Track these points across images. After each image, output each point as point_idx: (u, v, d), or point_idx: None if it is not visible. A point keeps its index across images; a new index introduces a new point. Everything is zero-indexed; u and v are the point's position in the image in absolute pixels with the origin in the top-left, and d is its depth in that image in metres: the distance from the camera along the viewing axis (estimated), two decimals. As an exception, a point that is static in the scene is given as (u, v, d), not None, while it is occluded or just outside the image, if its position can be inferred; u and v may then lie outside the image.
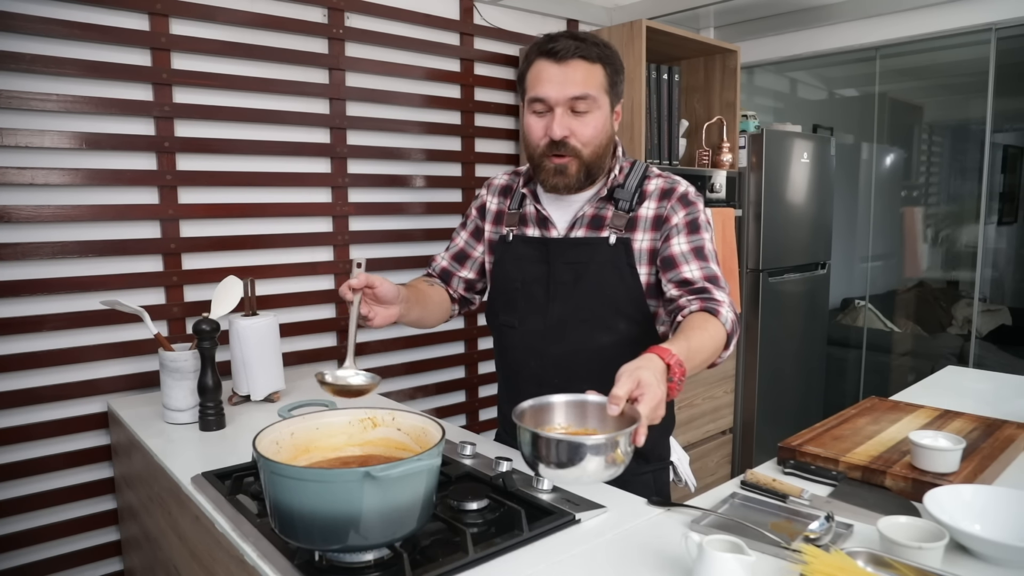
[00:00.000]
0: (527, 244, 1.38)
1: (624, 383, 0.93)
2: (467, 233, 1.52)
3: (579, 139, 1.25)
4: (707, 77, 3.02)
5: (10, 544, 1.79)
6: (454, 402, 2.70)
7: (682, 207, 1.31)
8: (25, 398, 1.79)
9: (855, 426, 1.47)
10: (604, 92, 1.25)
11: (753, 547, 0.95)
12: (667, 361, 1.00)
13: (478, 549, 0.99)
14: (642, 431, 0.89)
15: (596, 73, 1.24)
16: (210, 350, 1.60)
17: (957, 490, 1.08)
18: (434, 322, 1.45)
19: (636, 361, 0.98)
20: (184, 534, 1.33)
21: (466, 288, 1.52)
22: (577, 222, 1.34)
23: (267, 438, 1.00)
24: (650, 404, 0.92)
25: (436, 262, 1.54)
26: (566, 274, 1.32)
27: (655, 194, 1.33)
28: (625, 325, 1.31)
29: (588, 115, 1.24)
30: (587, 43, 1.24)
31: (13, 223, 1.75)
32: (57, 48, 1.77)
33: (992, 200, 3.56)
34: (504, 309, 1.40)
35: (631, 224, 1.31)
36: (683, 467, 1.49)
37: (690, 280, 1.25)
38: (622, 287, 1.30)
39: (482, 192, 1.52)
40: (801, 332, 3.37)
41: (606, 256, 1.30)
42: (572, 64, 1.22)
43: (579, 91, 1.22)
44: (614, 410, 0.92)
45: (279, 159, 2.17)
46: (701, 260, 1.27)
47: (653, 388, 0.93)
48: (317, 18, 2.22)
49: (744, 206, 3.02)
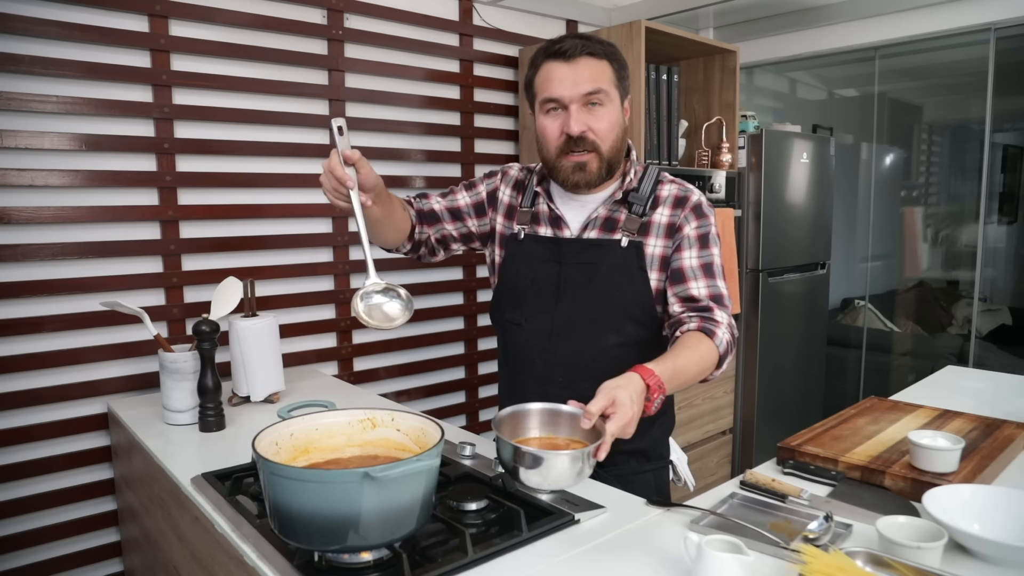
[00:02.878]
0: (539, 243, 1.38)
1: (600, 400, 1.00)
2: (470, 200, 1.47)
3: (596, 133, 1.26)
4: (706, 77, 3.02)
5: (11, 545, 1.79)
6: (454, 403, 2.70)
7: (695, 218, 1.32)
8: (25, 399, 1.79)
9: (854, 426, 1.47)
10: (614, 86, 1.27)
11: (752, 547, 0.95)
12: (647, 381, 1.07)
13: (477, 550, 0.99)
14: (604, 448, 0.95)
15: (604, 68, 1.26)
16: (210, 351, 1.60)
17: (956, 490, 1.08)
18: (388, 240, 1.38)
19: (617, 379, 1.05)
20: (184, 535, 1.33)
21: (439, 240, 1.46)
22: (590, 223, 1.34)
23: (266, 439, 1.00)
24: (619, 423, 0.99)
25: (427, 200, 1.46)
26: (577, 274, 1.32)
27: (669, 200, 1.33)
28: (632, 327, 1.32)
29: (601, 109, 1.26)
30: (592, 41, 1.26)
31: (13, 224, 1.75)
32: (57, 50, 1.78)
33: (992, 200, 3.56)
34: (511, 306, 1.40)
35: (644, 228, 1.32)
36: (682, 466, 1.50)
37: (695, 297, 1.28)
38: (631, 290, 1.30)
39: (496, 178, 1.49)
40: (801, 332, 3.37)
41: (617, 258, 1.31)
42: (581, 62, 1.24)
43: (591, 86, 1.24)
44: (586, 424, 0.99)
45: (279, 160, 2.17)
46: (709, 277, 1.29)
47: (625, 408, 1.00)
48: (316, 19, 2.22)
49: (744, 206, 3.02)
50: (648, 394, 1.06)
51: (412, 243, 1.44)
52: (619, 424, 0.99)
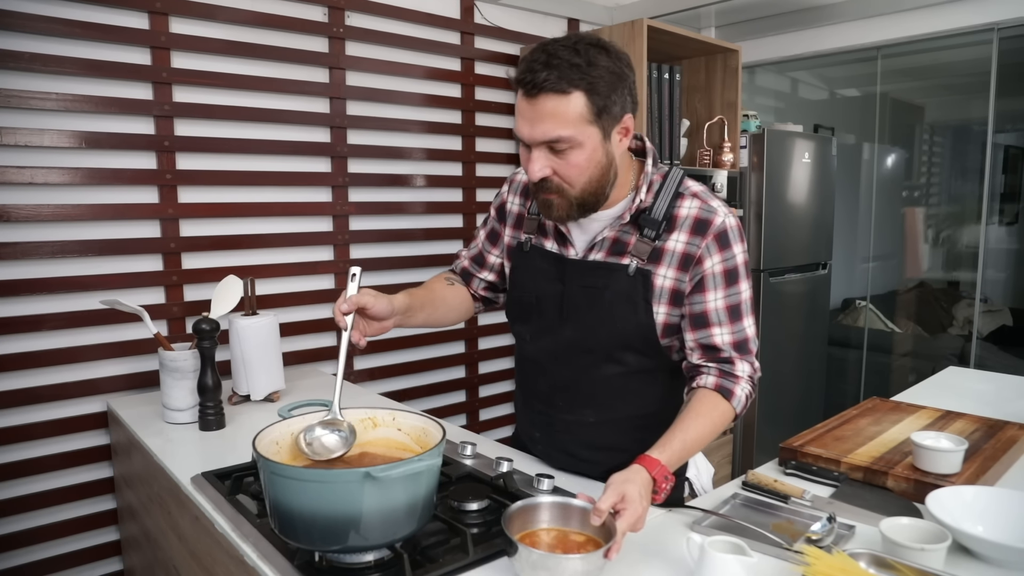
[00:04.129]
0: (544, 258, 1.29)
1: (609, 496, 0.96)
2: (485, 235, 1.44)
3: (562, 178, 1.12)
4: (708, 77, 3.01)
5: (10, 544, 1.79)
6: (454, 402, 2.69)
7: (718, 249, 1.16)
8: (24, 398, 1.78)
9: (857, 427, 1.47)
10: (586, 124, 1.07)
11: (755, 548, 0.95)
12: (653, 475, 1.02)
13: (479, 550, 0.99)
14: (615, 548, 0.91)
15: (573, 106, 1.05)
16: (210, 350, 1.60)
17: (959, 491, 1.08)
18: (450, 322, 1.41)
19: (624, 473, 1.01)
20: (184, 534, 1.33)
21: (487, 289, 1.45)
22: (596, 245, 1.22)
23: (267, 438, 0.99)
24: (629, 520, 0.94)
25: (459, 260, 1.48)
26: (580, 297, 1.23)
27: (687, 224, 1.18)
28: (634, 358, 1.23)
29: (569, 153, 1.09)
30: (563, 67, 1.04)
31: (12, 222, 1.74)
32: (57, 47, 1.77)
33: (993, 201, 3.55)
34: (519, 319, 1.36)
35: (655, 255, 1.18)
36: (700, 482, 1.40)
37: (718, 347, 1.18)
38: (634, 322, 1.20)
39: (503, 189, 1.42)
40: (802, 332, 3.36)
41: (622, 286, 1.19)
42: (542, 101, 1.06)
43: (549, 135, 1.07)
44: (596, 521, 0.95)
45: (279, 158, 2.17)
46: (735, 321, 1.18)
47: (635, 504, 0.95)
48: (317, 17, 2.21)
49: (745, 206, 3.02)
50: (655, 487, 1.03)
51: (480, 303, 1.47)
52: (629, 521, 0.94)
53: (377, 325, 1.15)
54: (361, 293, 1.09)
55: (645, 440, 1.09)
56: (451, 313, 1.39)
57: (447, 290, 1.40)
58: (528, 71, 1.06)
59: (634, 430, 1.24)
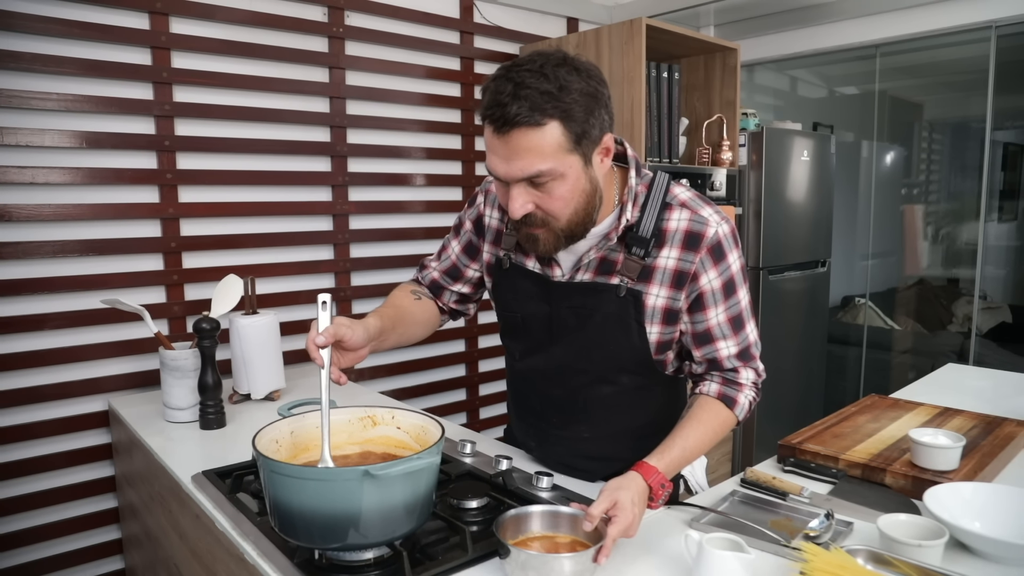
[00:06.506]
0: (526, 278, 1.23)
1: (602, 502, 0.96)
2: (460, 248, 1.35)
3: (546, 211, 1.05)
4: (707, 75, 3.01)
5: (11, 542, 1.79)
6: (454, 400, 2.70)
7: (713, 264, 1.12)
8: (26, 397, 1.79)
9: (855, 424, 1.47)
10: (565, 153, 0.99)
11: (753, 545, 0.95)
12: (649, 482, 1.02)
13: (478, 548, 0.99)
14: (604, 552, 0.91)
15: (549, 137, 0.97)
16: (210, 349, 1.60)
17: (957, 488, 1.08)
18: (417, 338, 1.33)
19: (619, 480, 1.01)
20: (185, 532, 1.33)
21: (458, 301, 1.40)
22: (583, 266, 1.16)
23: (267, 437, 1.00)
24: (620, 527, 0.94)
25: (427, 271, 1.39)
26: (569, 318, 1.19)
27: (677, 238, 1.12)
28: (628, 377, 1.21)
29: (551, 185, 1.02)
30: (533, 97, 0.95)
31: (14, 222, 1.75)
32: (57, 47, 1.77)
33: (992, 198, 3.55)
34: (507, 335, 1.33)
35: (646, 274, 1.13)
36: (695, 478, 1.41)
37: (721, 360, 1.17)
38: (627, 343, 1.16)
39: (479, 200, 1.33)
40: (801, 330, 3.37)
41: (612, 308, 1.15)
42: (515, 136, 0.97)
43: (528, 171, 0.99)
44: (587, 526, 0.95)
45: (279, 158, 2.17)
46: (738, 331, 1.16)
47: (627, 511, 0.95)
48: (317, 16, 2.21)
49: (744, 204, 3.02)
50: (651, 494, 1.02)
51: (447, 315, 1.41)
52: (620, 527, 0.93)
53: (352, 355, 1.08)
54: (336, 323, 1.01)
55: (643, 448, 1.09)
56: (419, 329, 1.32)
57: (415, 305, 1.32)
58: (495, 104, 0.97)
59: (631, 440, 1.23)
